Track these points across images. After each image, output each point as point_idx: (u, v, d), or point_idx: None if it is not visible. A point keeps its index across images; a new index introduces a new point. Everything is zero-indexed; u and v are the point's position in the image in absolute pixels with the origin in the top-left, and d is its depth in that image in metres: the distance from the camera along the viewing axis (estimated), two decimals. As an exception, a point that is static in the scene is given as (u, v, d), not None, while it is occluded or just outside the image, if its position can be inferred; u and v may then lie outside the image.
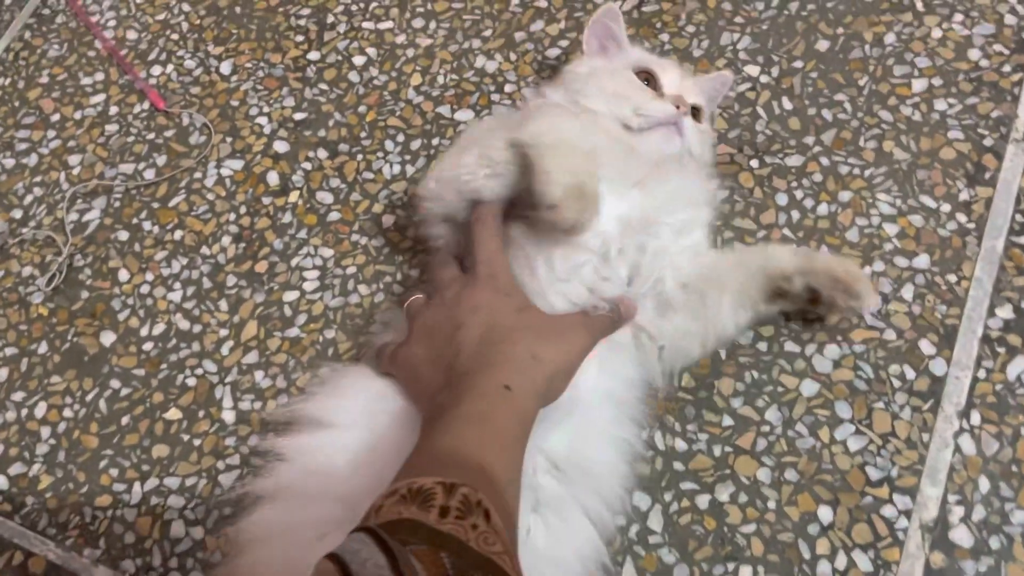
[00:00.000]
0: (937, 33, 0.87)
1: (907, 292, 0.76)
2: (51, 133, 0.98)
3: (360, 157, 0.91)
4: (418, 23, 0.98)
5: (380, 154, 0.91)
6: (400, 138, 0.91)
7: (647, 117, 0.73)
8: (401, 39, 0.97)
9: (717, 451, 0.73)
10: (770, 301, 0.71)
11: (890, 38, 0.88)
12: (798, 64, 0.88)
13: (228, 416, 0.81)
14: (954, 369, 0.73)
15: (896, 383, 0.73)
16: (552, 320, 0.64)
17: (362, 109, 0.94)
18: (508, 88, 0.92)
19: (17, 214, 0.94)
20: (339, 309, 0.84)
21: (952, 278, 0.76)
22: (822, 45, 0.89)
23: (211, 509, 0.77)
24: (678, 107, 0.73)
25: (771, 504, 0.71)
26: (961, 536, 0.68)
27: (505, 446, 0.54)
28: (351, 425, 0.66)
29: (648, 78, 0.76)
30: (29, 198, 0.95)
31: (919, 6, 0.89)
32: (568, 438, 0.65)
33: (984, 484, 0.69)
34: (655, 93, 0.75)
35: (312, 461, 0.65)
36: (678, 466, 0.73)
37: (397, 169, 0.90)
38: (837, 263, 0.70)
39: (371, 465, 0.63)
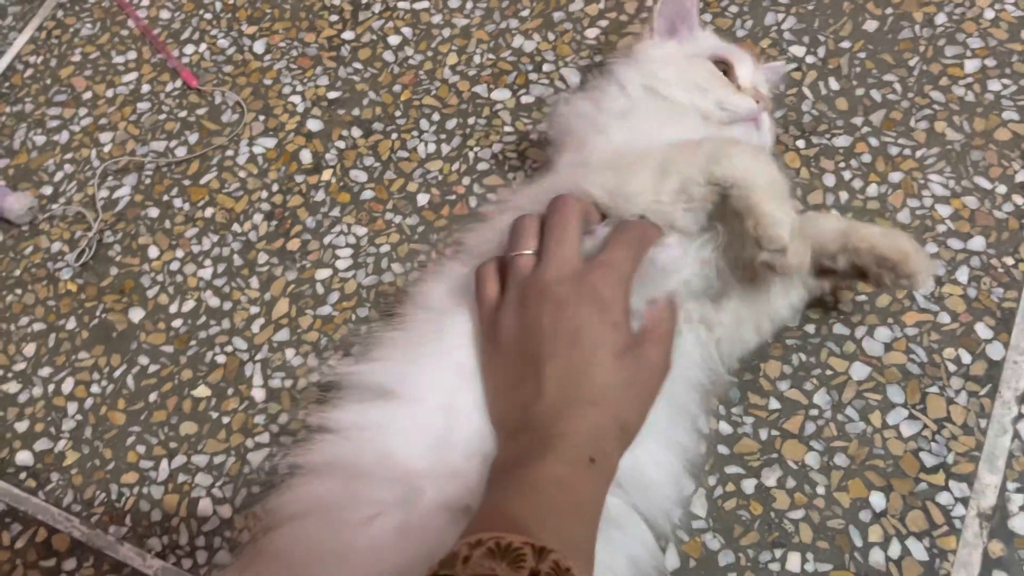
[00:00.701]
0: (990, 14, 0.85)
1: (962, 274, 0.74)
2: (83, 111, 0.97)
3: (395, 136, 0.90)
4: (454, 3, 0.96)
5: (415, 133, 0.89)
6: (435, 117, 0.90)
7: (730, 112, 0.70)
8: (437, 19, 0.96)
9: (763, 435, 0.70)
10: (818, 277, 0.69)
11: (941, 18, 0.85)
12: (845, 44, 0.86)
13: (258, 394, 0.79)
14: (1012, 353, 0.70)
15: (951, 367, 0.70)
16: (642, 371, 0.57)
17: (397, 88, 0.92)
18: (546, 68, 0.90)
19: (47, 190, 0.93)
20: (372, 287, 0.82)
21: (1009, 260, 0.74)
22: (870, 25, 0.86)
23: (239, 488, 0.75)
24: (758, 101, 0.71)
25: (820, 490, 0.68)
26: (1021, 524, 0.65)
27: (584, 519, 0.51)
28: (421, 399, 0.61)
29: (725, 68, 0.73)
30: (59, 175, 0.94)
31: (970, -13, 0.87)
32: (630, 453, 0.60)
33: (1045, 472, 0.66)
34: (735, 86, 0.73)
35: (372, 436, 0.60)
36: (723, 450, 0.70)
37: (432, 148, 0.88)
38: (882, 238, 0.64)
39: (439, 449, 0.58)
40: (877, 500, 0.67)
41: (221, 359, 0.81)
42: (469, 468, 0.57)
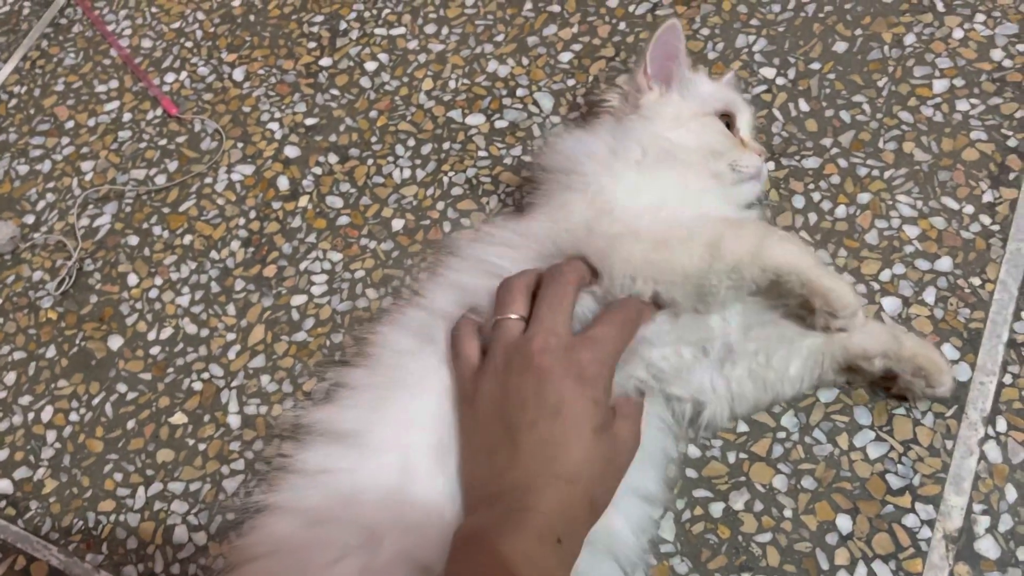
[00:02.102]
0: (958, 33, 0.86)
1: (929, 295, 0.74)
2: (65, 140, 0.98)
3: (371, 162, 0.90)
4: (430, 29, 0.97)
5: (390, 158, 0.90)
6: (411, 142, 0.91)
7: (741, 173, 0.73)
8: (413, 44, 0.97)
9: (731, 458, 0.71)
10: (839, 374, 0.70)
11: (910, 39, 0.86)
12: (815, 66, 0.87)
13: (234, 420, 0.79)
14: (979, 374, 0.70)
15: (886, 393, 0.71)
16: (617, 448, 0.58)
17: (373, 114, 0.93)
18: (520, 92, 0.91)
19: (29, 219, 0.94)
20: (347, 313, 0.83)
21: (976, 281, 0.74)
22: (840, 47, 0.87)
23: (214, 515, 0.76)
24: (759, 155, 0.75)
25: (787, 512, 0.68)
26: (987, 547, 0.65)
27: None
28: (382, 451, 0.61)
29: (728, 121, 0.75)
30: (41, 204, 0.95)
31: (939, 7, 0.87)
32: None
33: (1011, 493, 0.66)
34: (740, 140, 0.75)
35: (336, 481, 0.61)
36: (691, 473, 0.70)
37: (407, 173, 0.89)
38: (923, 351, 0.67)
39: (397, 502, 0.58)
40: (844, 523, 0.67)
41: (198, 386, 0.82)
42: (428, 524, 0.57)
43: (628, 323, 0.62)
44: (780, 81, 0.87)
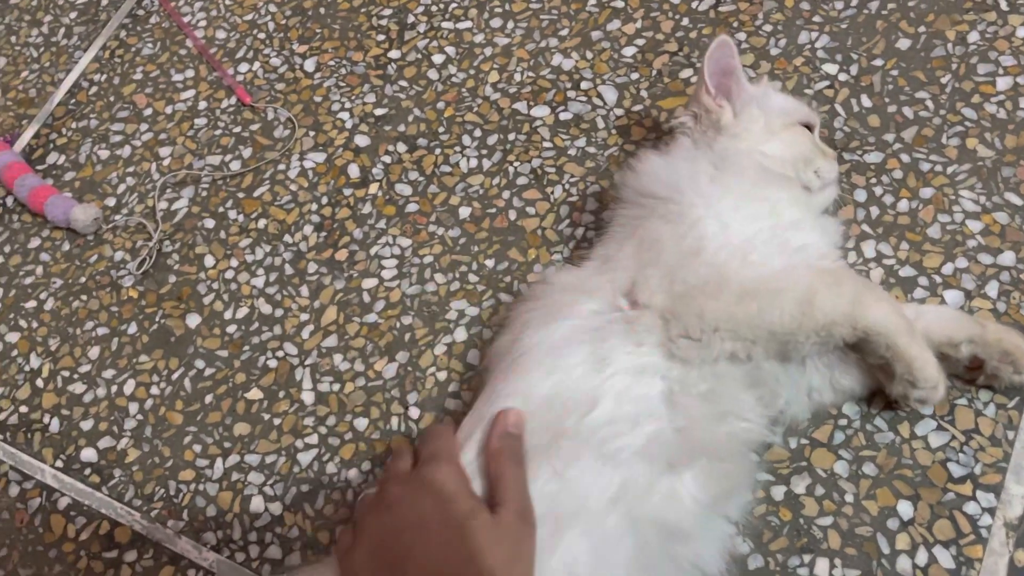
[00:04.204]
0: (1022, 32, 0.86)
1: (991, 289, 0.75)
2: (143, 126, 1.02)
3: (438, 151, 0.93)
4: (496, 23, 1.00)
5: (457, 148, 0.93)
6: (477, 133, 0.93)
7: (824, 179, 0.75)
8: (479, 38, 0.99)
9: (793, 443, 0.72)
10: None
11: (973, 36, 0.87)
12: (878, 62, 0.88)
13: (307, 397, 0.83)
14: (1041, 367, 0.71)
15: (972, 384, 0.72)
16: (516, 540, 0.55)
17: (440, 105, 0.96)
18: (584, 85, 0.94)
19: (111, 202, 0.98)
20: (416, 297, 0.86)
21: (1039, 275, 0.75)
22: (903, 43, 0.88)
23: (289, 486, 0.79)
24: (834, 159, 0.77)
25: (848, 497, 0.70)
26: (1048, 536, 0.66)
27: None
28: None
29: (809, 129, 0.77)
30: (122, 187, 0.99)
31: (1003, 5, 0.88)
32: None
33: (1073, 484, 0.67)
34: (821, 149, 0.77)
35: None
36: (752, 457, 0.72)
37: (474, 163, 0.92)
38: (1009, 335, 0.68)
39: None
40: (905, 509, 0.69)
41: (272, 363, 0.85)
42: None
43: (441, 434, 0.61)
44: (842, 77, 0.88)
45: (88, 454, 0.84)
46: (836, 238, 0.73)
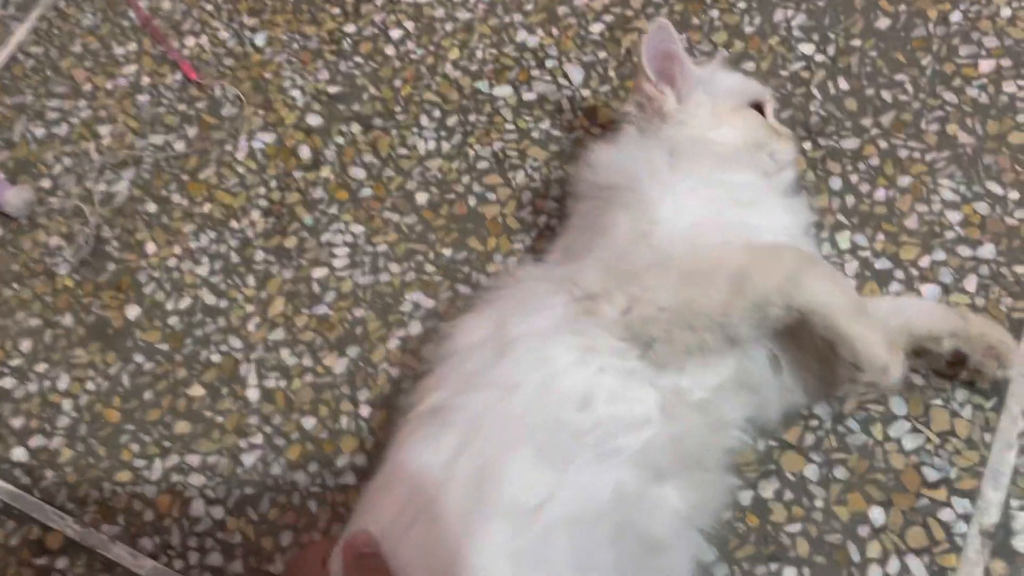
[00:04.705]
0: (1006, 12, 0.83)
1: (970, 283, 0.72)
2: (82, 103, 0.96)
3: (394, 132, 0.88)
4: (458, -4, 0.95)
5: (415, 129, 0.88)
6: (436, 113, 0.88)
7: (780, 161, 0.71)
8: (440, 12, 0.94)
9: (761, 445, 0.69)
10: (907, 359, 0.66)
11: (956, 16, 0.83)
12: (856, 43, 0.84)
13: (252, 394, 0.78)
14: (1020, 366, 0.68)
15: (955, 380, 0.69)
16: None
17: (397, 83, 0.91)
18: (549, 63, 0.89)
19: (46, 184, 0.92)
20: (369, 287, 0.81)
21: (1020, 269, 0.72)
22: (883, 23, 0.84)
23: (232, 489, 0.75)
24: (790, 139, 0.73)
25: (818, 503, 0.67)
26: (1025, 544, 0.64)
27: None
28: None
29: (759, 110, 0.73)
30: (58, 168, 0.93)
31: (987, -16, 0.84)
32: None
33: (1051, 489, 0.65)
34: (773, 130, 0.72)
35: None
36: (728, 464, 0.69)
37: (432, 145, 0.87)
38: (992, 329, 0.66)
39: None
40: (877, 515, 0.66)
41: (216, 358, 0.80)
42: None
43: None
44: (819, 58, 0.84)
45: (18, 453, 0.79)
46: (802, 218, 0.69)
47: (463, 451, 0.57)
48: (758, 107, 0.73)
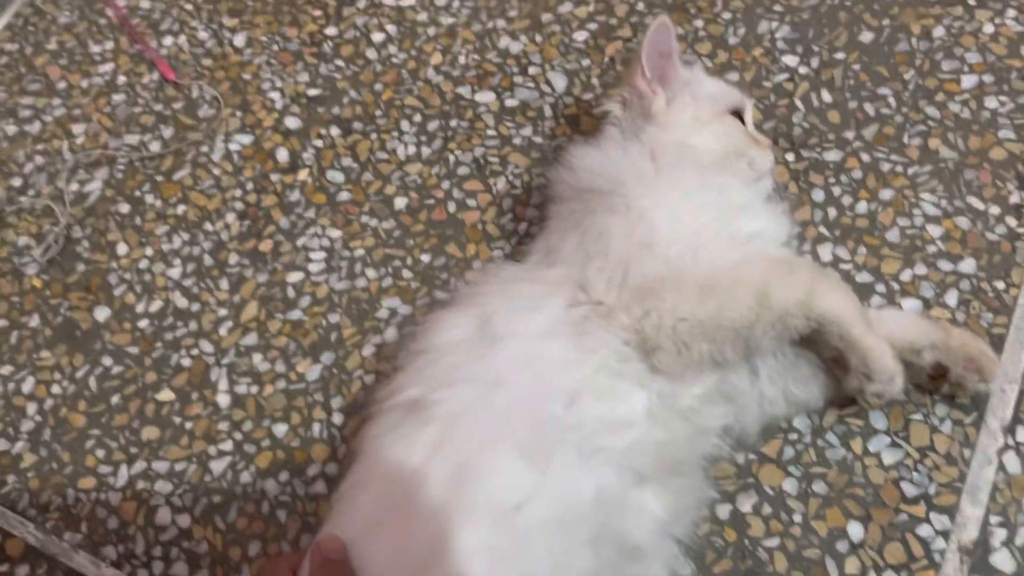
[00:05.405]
0: (989, 28, 0.83)
1: (951, 298, 0.71)
2: (56, 101, 0.95)
3: (374, 136, 0.87)
4: (441, 1, 0.94)
5: (395, 134, 0.87)
6: (417, 118, 0.87)
7: (759, 170, 0.71)
8: (422, 17, 0.93)
9: (740, 458, 0.68)
10: None
11: (939, 32, 0.83)
12: (840, 55, 0.83)
13: (223, 400, 0.76)
14: (1000, 381, 0.68)
15: (936, 394, 0.68)
16: None
17: (378, 87, 0.90)
18: (532, 70, 0.88)
19: (16, 182, 0.90)
20: (345, 293, 0.79)
21: (1000, 285, 0.71)
22: (866, 36, 0.84)
23: (199, 496, 0.73)
24: (768, 147, 0.73)
25: (797, 517, 0.66)
26: (1003, 560, 0.63)
27: None
28: None
29: (739, 117, 0.73)
30: (29, 166, 0.91)
31: (970, 0, 0.84)
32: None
33: (1030, 506, 0.64)
34: (752, 138, 0.72)
35: None
36: (705, 470, 0.68)
37: (412, 150, 0.86)
38: (973, 342, 0.65)
39: None
40: (855, 530, 0.65)
41: (186, 362, 0.78)
42: None
43: None
44: (803, 70, 0.84)
45: (-21, 458, 0.77)
46: (785, 223, 0.69)
47: (442, 447, 0.56)
48: (738, 114, 0.72)
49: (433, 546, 0.52)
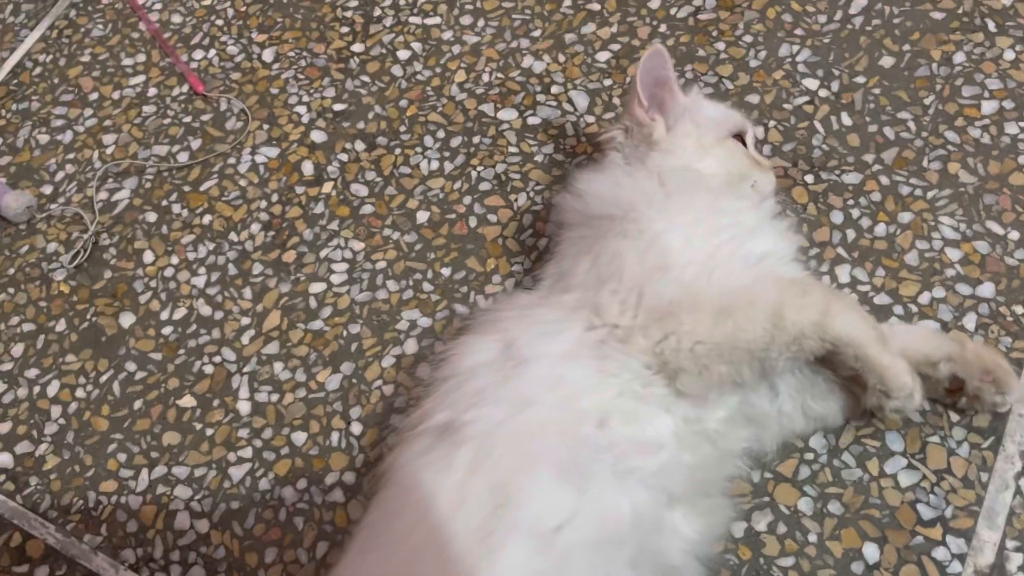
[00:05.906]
0: (1010, 55, 0.83)
1: (969, 322, 0.72)
2: (88, 111, 0.97)
3: (398, 151, 0.88)
4: (466, 20, 0.95)
5: (419, 149, 0.88)
6: (440, 134, 0.89)
7: (762, 192, 0.72)
8: (448, 35, 0.95)
9: (756, 476, 0.68)
10: None
11: (959, 57, 0.84)
12: (860, 79, 0.84)
13: (243, 407, 0.77)
14: (1018, 406, 0.68)
15: (954, 417, 0.68)
16: None
17: (403, 103, 0.91)
18: (555, 89, 0.89)
19: (47, 190, 0.92)
20: (366, 304, 0.81)
21: (1019, 309, 0.71)
22: (887, 61, 0.85)
23: (218, 502, 0.74)
24: (770, 169, 0.74)
25: (812, 537, 0.66)
26: (1020, 586, 0.63)
27: None
28: None
29: (741, 141, 0.74)
30: (60, 175, 0.93)
31: (991, 26, 0.85)
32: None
33: (1048, 532, 0.64)
34: (755, 160, 0.73)
35: None
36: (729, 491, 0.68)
37: (435, 165, 0.87)
38: (989, 354, 0.65)
39: None
40: (871, 551, 0.65)
41: (208, 369, 0.80)
42: None
43: None
44: (823, 93, 0.84)
45: (3, 459, 0.78)
46: (794, 242, 0.69)
47: (478, 467, 0.56)
48: (739, 137, 0.73)
49: (474, 569, 0.53)
